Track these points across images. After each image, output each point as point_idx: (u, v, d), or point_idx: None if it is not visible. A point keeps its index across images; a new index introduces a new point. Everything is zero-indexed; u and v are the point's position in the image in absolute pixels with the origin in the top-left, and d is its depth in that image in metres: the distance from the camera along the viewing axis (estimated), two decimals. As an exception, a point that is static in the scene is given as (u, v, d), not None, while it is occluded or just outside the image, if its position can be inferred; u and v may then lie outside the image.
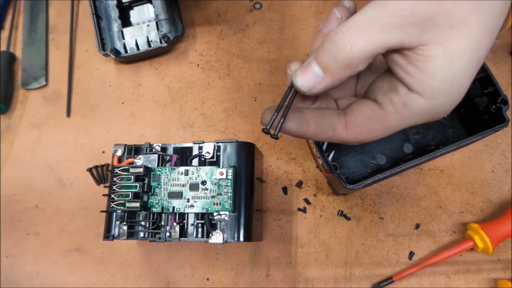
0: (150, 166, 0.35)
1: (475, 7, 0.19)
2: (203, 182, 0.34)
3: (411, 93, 0.21)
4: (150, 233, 0.34)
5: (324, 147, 0.38)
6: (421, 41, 0.19)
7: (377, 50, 0.20)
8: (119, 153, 0.36)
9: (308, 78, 0.22)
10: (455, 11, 0.18)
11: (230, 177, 0.33)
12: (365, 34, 0.19)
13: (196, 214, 0.34)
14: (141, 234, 0.34)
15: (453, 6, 0.18)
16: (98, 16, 0.48)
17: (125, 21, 0.49)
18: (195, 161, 0.36)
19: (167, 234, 0.33)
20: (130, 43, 0.48)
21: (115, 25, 0.48)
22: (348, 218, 0.42)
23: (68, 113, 0.49)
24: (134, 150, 0.36)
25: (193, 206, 0.33)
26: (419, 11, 0.19)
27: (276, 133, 0.23)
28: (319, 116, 0.24)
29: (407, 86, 0.21)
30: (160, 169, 0.35)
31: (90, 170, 0.46)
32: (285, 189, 0.43)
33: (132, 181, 0.33)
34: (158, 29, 0.48)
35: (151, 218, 0.34)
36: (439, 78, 0.20)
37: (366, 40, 0.19)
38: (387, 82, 0.23)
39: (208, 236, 0.32)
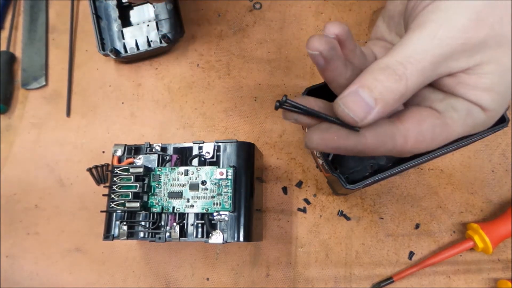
0: (150, 166, 0.35)
1: None
2: (203, 182, 0.34)
3: (472, 104, 0.21)
4: (150, 233, 0.34)
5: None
6: (472, 63, 0.19)
7: (429, 81, 0.20)
8: (119, 153, 0.36)
9: (359, 107, 0.19)
10: (503, 30, 0.19)
11: (230, 177, 0.33)
12: (418, 67, 0.19)
13: (196, 214, 0.34)
14: (141, 234, 0.34)
15: (501, 25, 0.19)
16: (98, 16, 0.48)
17: (125, 21, 0.49)
18: (195, 161, 0.36)
19: (167, 234, 0.33)
20: (130, 43, 0.48)
21: (115, 25, 0.48)
22: (348, 218, 0.42)
23: (68, 113, 0.49)
24: (134, 150, 0.36)
25: (193, 206, 0.33)
26: (470, 37, 0.19)
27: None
28: (374, 126, 0.21)
29: (466, 99, 0.21)
30: (160, 169, 0.35)
31: (90, 170, 0.46)
32: (285, 189, 0.43)
33: (132, 181, 0.33)
34: (158, 29, 0.48)
35: (151, 218, 0.34)
36: (496, 92, 0.20)
37: (419, 74, 0.19)
38: (438, 91, 0.22)
39: (208, 236, 0.32)
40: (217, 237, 0.32)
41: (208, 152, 0.35)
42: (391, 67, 0.19)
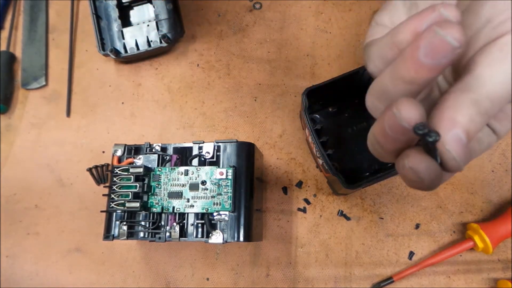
0: (150, 166, 0.35)
1: None
2: (203, 182, 0.34)
3: (493, 134, 0.21)
4: (150, 233, 0.34)
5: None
6: None
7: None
8: (119, 153, 0.36)
9: (464, 154, 0.16)
10: None
11: (230, 177, 0.33)
12: (500, 103, 0.17)
13: (196, 214, 0.34)
14: (141, 234, 0.34)
15: None
16: (98, 16, 0.48)
17: (125, 21, 0.49)
18: (195, 161, 0.36)
19: (167, 234, 0.33)
20: (130, 43, 0.48)
21: (115, 25, 0.48)
22: (348, 218, 0.42)
23: (68, 113, 0.49)
24: (134, 150, 0.36)
25: (193, 206, 0.33)
26: None
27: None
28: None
29: (495, 131, 0.21)
30: (160, 169, 0.35)
31: (90, 170, 0.46)
32: (285, 189, 0.43)
33: (132, 181, 0.33)
34: (158, 29, 0.48)
35: (151, 218, 0.34)
36: None
37: (498, 109, 0.18)
38: None
39: (208, 236, 0.32)
40: (217, 237, 0.32)
41: (208, 152, 0.35)
42: (482, 104, 0.17)
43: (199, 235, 0.34)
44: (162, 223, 0.34)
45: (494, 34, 0.18)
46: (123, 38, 0.48)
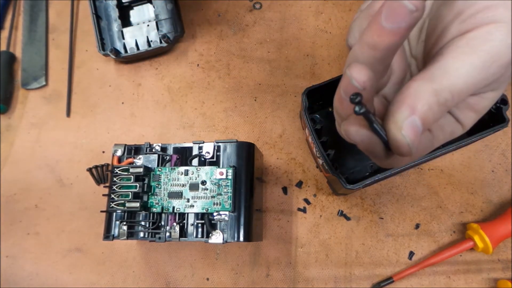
0: (150, 166, 0.35)
1: None
2: (203, 182, 0.34)
3: (457, 123, 0.21)
4: (150, 233, 0.34)
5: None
6: (491, 88, 0.20)
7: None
8: (119, 153, 0.36)
9: (416, 137, 0.18)
10: None
11: (230, 177, 0.33)
12: (461, 95, 0.18)
13: (196, 214, 0.34)
14: (141, 234, 0.34)
15: None
16: (98, 16, 0.48)
17: (125, 21, 0.49)
18: (195, 161, 0.36)
19: (167, 234, 0.33)
20: (130, 43, 0.48)
21: (115, 25, 0.48)
22: (348, 218, 0.42)
23: (68, 113, 0.49)
24: (134, 150, 0.36)
25: (193, 206, 0.33)
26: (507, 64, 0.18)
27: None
28: None
29: (458, 120, 0.21)
30: (160, 169, 0.35)
31: (90, 170, 0.46)
32: (285, 189, 0.43)
33: (132, 181, 0.33)
34: (158, 29, 0.48)
35: (151, 218, 0.34)
36: (480, 114, 0.21)
37: (459, 100, 0.18)
38: None
39: (208, 236, 0.32)
40: (217, 237, 0.32)
41: (208, 152, 0.35)
42: (442, 95, 0.18)
43: (199, 235, 0.33)
44: (162, 223, 0.34)
45: (463, 27, 0.19)
46: (123, 38, 0.48)
